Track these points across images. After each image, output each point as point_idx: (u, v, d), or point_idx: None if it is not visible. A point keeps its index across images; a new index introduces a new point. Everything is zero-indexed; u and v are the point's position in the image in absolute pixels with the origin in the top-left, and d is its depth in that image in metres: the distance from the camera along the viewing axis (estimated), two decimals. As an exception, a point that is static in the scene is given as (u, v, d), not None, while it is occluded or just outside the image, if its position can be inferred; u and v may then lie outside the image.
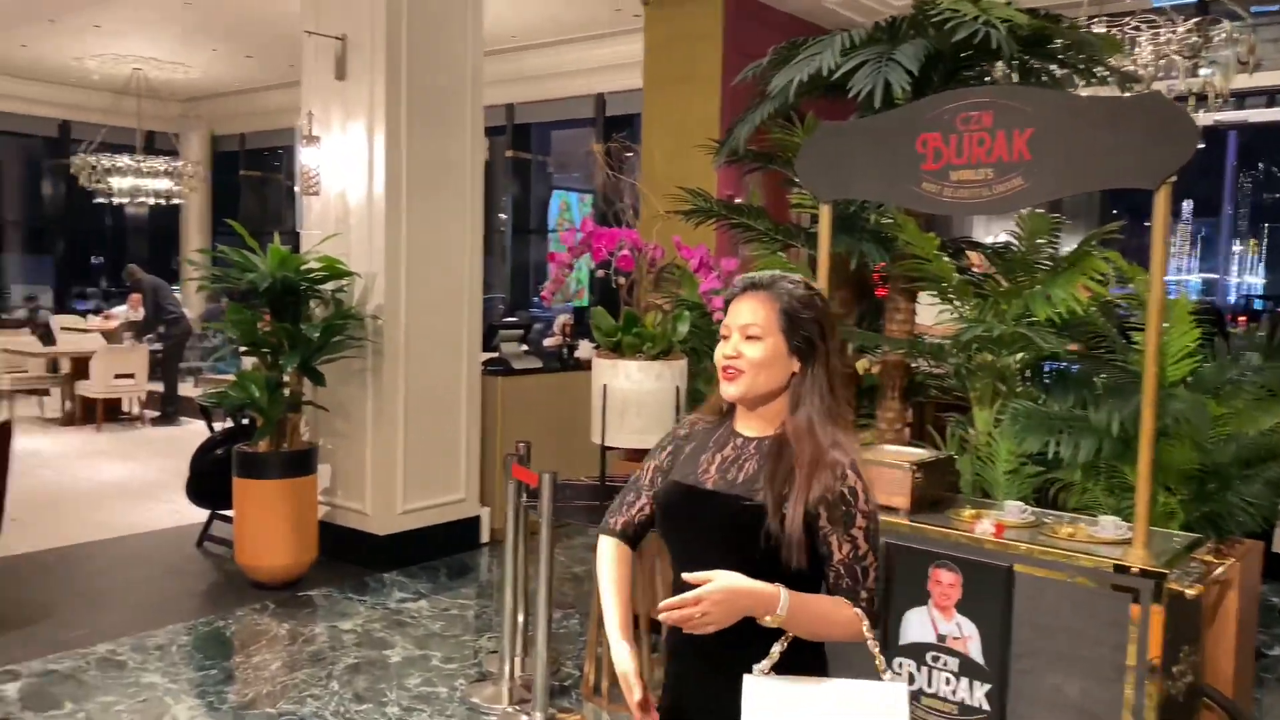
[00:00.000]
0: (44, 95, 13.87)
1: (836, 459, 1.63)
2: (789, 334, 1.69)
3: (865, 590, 1.64)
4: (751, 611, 1.56)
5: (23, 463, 7.76)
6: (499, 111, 12.09)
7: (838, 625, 1.62)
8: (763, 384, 1.70)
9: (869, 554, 1.64)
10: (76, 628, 4.43)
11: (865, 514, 1.64)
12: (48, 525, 6.09)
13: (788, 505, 1.60)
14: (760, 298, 1.71)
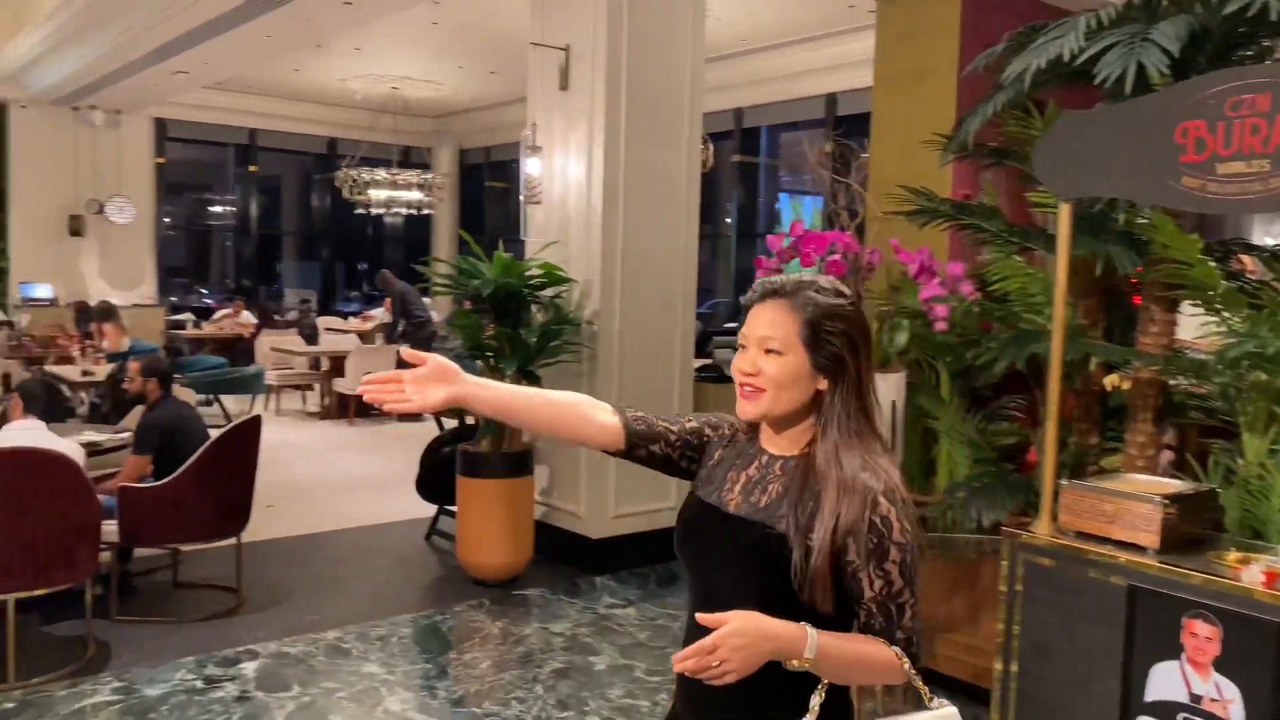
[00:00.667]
0: (314, 115, 15.14)
1: (866, 484, 1.44)
2: (813, 348, 1.48)
3: (901, 630, 1.45)
4: (776, 655, 1.37)
5: (281, 452, 8.45)
6: (726, 116, 12.03)
7: (875, 668, 1.44)
8: (784, 404, 1.50)
9: (904, 590, 1.44)
10: (311, 613, 4.71)
11: (900, 546, 1.43)
12: (297, 513, 6.55)
13: (813, 536, 1.43)
14: (781, 307, 1.50)
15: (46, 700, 3.69)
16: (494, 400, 1.63)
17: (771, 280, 1.56)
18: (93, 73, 11.43)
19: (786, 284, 1.54)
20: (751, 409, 1.52)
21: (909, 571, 1.45)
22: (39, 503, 3.76)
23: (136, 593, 4.91)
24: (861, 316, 1.54)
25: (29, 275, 13.42)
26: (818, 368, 1.49)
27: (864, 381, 1.52)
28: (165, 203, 15.00)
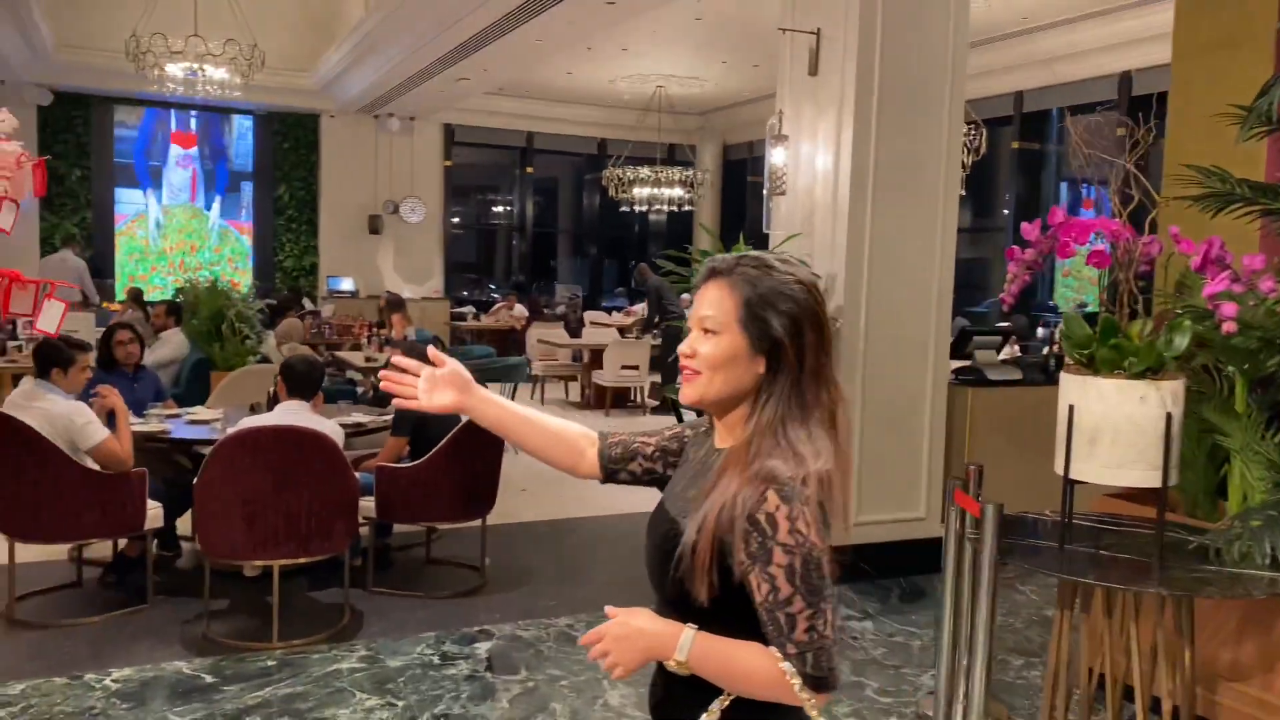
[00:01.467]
0: (586, 116, 15.69)
1: (770, 474, 1.32)
2: (750, 329, 1.39)
3: (794, 644, 1.32)
4: (652, 653, 1.35)
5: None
6: (1005, 100, 11.25)
7: (755, 681, 1.34)
8: (719, 387, 1.42)
9: (795, 598, 1.30)
10: (548, 598, 4.81)
11: (787, 549, 1.30)
12: (549, 498, 6.76)
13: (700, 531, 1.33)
14: (722, 286, 1.42)
15: (303, 661, 3.97)
16: (494, 416, 1.65)
17: (716, 258, 1.46)
18: (389, 82, 12.42)
19: (726, 262, 1.44)
20: (688, 391, 1.44)
21: (800, 578, 1.30)
22: (301, 478, 4.06)
23: (392, 566, 5.23)
24: (813, 299, 1.42)
25: (335, 270, 14.82)
26: (756, 350, 1.40)
27: (807, 368, 1.40)
28: (453, 203, 16.09)
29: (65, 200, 13.69)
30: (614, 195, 13.97)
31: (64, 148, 13.61)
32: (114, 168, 14.15)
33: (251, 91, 11.53)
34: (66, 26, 12.20)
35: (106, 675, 3.76)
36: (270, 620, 4.16)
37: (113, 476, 4.27)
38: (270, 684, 3.75)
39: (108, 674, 3.77)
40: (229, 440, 4.02)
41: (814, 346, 1.41)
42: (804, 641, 1.32)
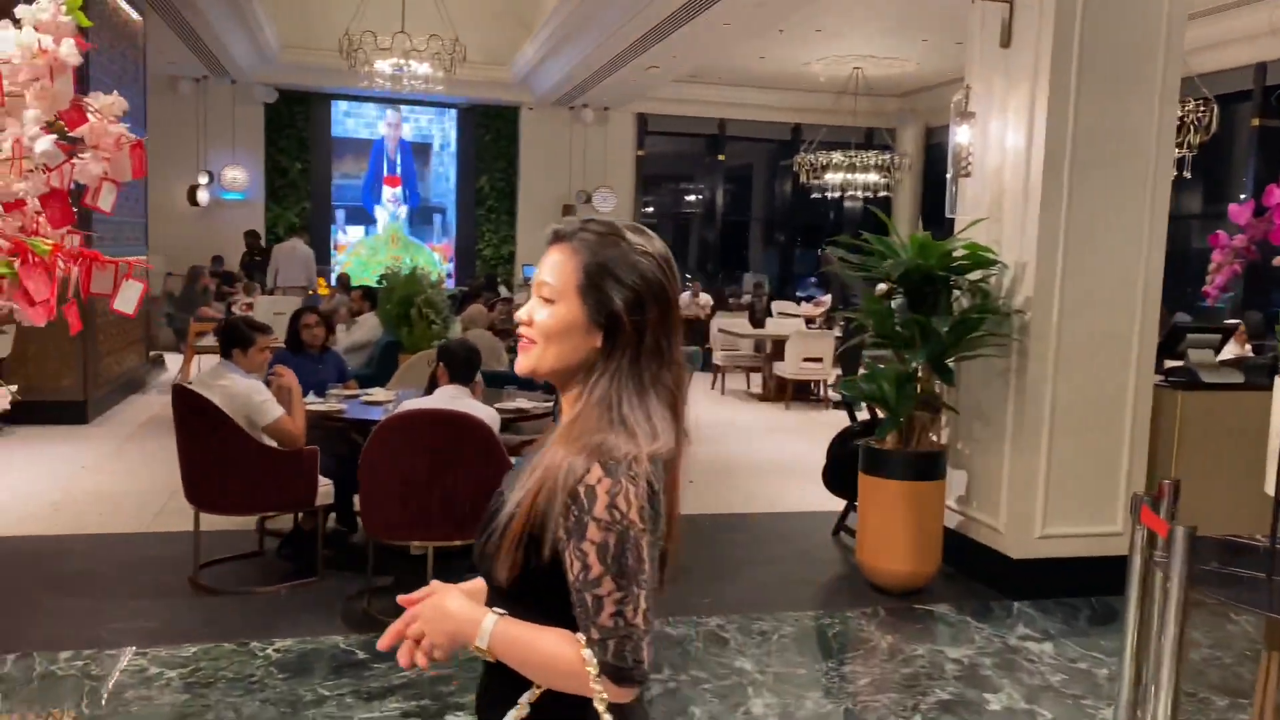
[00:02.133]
0: (780, 101, 15.37)
1: (597, 446, 1.23)
2: (587, 297, 1.30)
3: (598, 629, 1.22)
4: (458, 638, 1.29)
5: (716, 431, 8.65)
6: (1243, 74, 10.15)
7: (558, 669, 1.24)
8: (552, 359, 1.33)
9: (604, 579, 1.22)
10: (701, 595, 4.67)
11: (603, 525, 1.21)
12: (716, 492, 6.62)
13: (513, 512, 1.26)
14: (564, 250, 1.33)
15: (452, 643, 4.01)
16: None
17: (560, 221, 1.38)
18: (581, 73, 12.58)
19: (569, 226, 1.35)
20: (522, 361, 1.37)
21: (612, 558, 1.22)
22: (456, 462, 4.09)
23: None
24: (659, 274, 1.32)
25: (531, 258, 15.21)
26: (593, 322, 1.31)
27: (647, 345, 1.31)
28: (643, 193, 16.18)
29: (287, 191, 14.69)
30: (805, 181, 13.62)
31: (286, 143, 14.60)
32: (330, 162, 15.05)
33: (454, 85, 11.97)
34: (290, 29, 13.05)
35: (270, 645, 3.92)
36: None
37: (286, 453, 4.46)
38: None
39: (271, 643, 3.93)
40: (388, 422, 4.11)
41: (657, 324, 1.32)
42: (608, 627, 1.23)
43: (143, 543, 5.17)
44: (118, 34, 9.05)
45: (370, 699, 3.51)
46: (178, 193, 13.86)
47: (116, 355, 8.93)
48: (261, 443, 4.42)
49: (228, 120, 14.10)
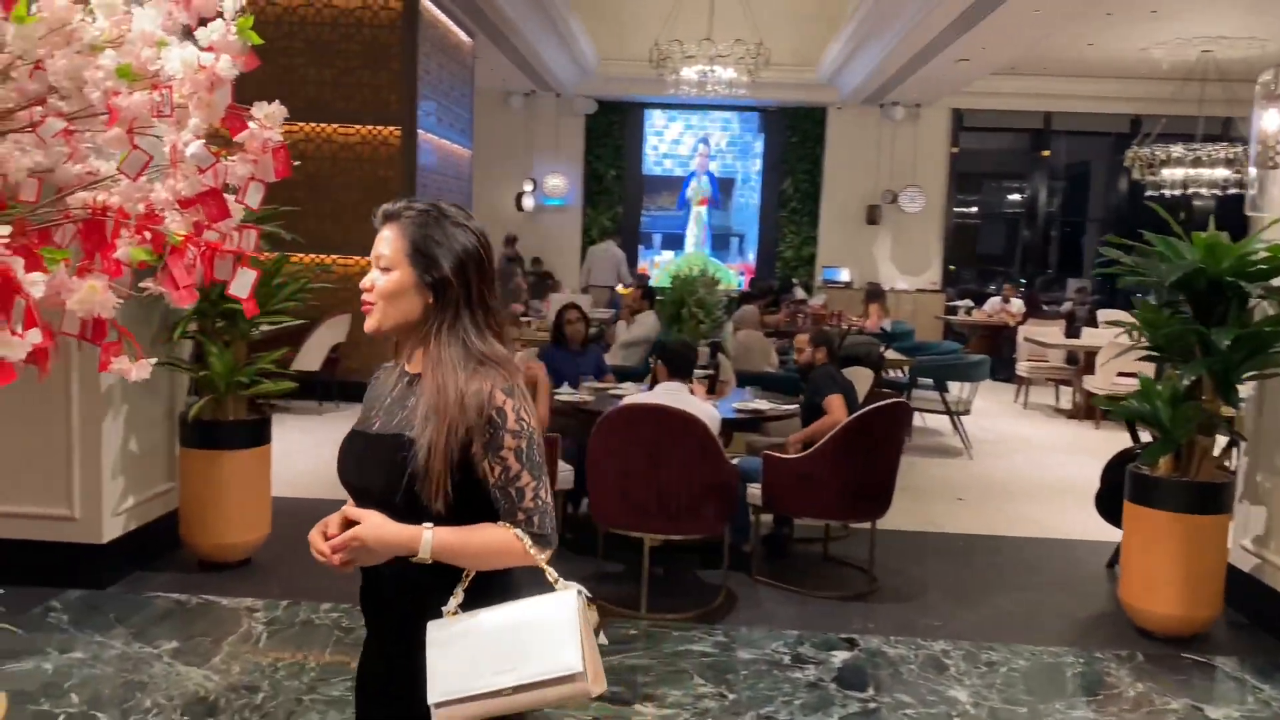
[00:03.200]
0: (1114, 91, 14.02)
1: (478, 389, 1.56)
2: (416, 264, 1.63)
3: (522, 512, 1.59)
4: (400, 553, 1.55)
5: (1005, 446, 8.08)
6: None
7: (498, 553, 1.59)
8: (394, 316, 1.65)
9: (522, 473, 1.59)
10: (934, 617, 4.40)
11: (515, 434, 1.58)
12: (983, 511, 6.21)
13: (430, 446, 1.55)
14: (394, 228, 1.66)
15: (661, 635, 4.08)
16: None
17: (387, 205, 1.68)
18: (887, 69, 12.21)
19: (394, 208, 1.67)
20: (368, 322, 1.66)
21: (525, 456, 1.58)
22: (671, 457, 4.15)
23: (786, 558, 5.16)
24: (474, 237, 1.66)
25: (831, 260, 15.01)
26: (424, 283, 1.62)
27: (474, 298, 1.64)
28: (957, 192, 15.41)
29: (602, 197, 15.51)
30: (1138, 177, 12.32)
31: (603, 150, 15.41)
32: (643, 170, 15.70)
33: (759, 89, 12.08)
34: (607, 43, 13.77)
35: (495, 616, 4.18)
36: (639, 590, 4.33)
37: (528, 439, 4.73)
38: (620, 652, 3.89)
39: (496, 615, 4.19)
40: (609, 415, 4.24)
41: (478, 282, 1.65)
42: (530, 507, 1.59)
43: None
44: (448, 55, 10.01)
45: (569, 679, 3.64)
46: (506, 199, 15.07)
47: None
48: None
49: (551, 131, 15.13)
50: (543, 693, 1.53)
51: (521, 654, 1.53)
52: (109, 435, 4.26)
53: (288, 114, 2.03)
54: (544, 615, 1.55)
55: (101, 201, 1.85)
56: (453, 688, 1.53)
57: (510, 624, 1.55)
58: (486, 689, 1.52)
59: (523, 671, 1.52)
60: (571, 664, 1.51)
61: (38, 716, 3.18)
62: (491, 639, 1.54)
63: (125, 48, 1.90)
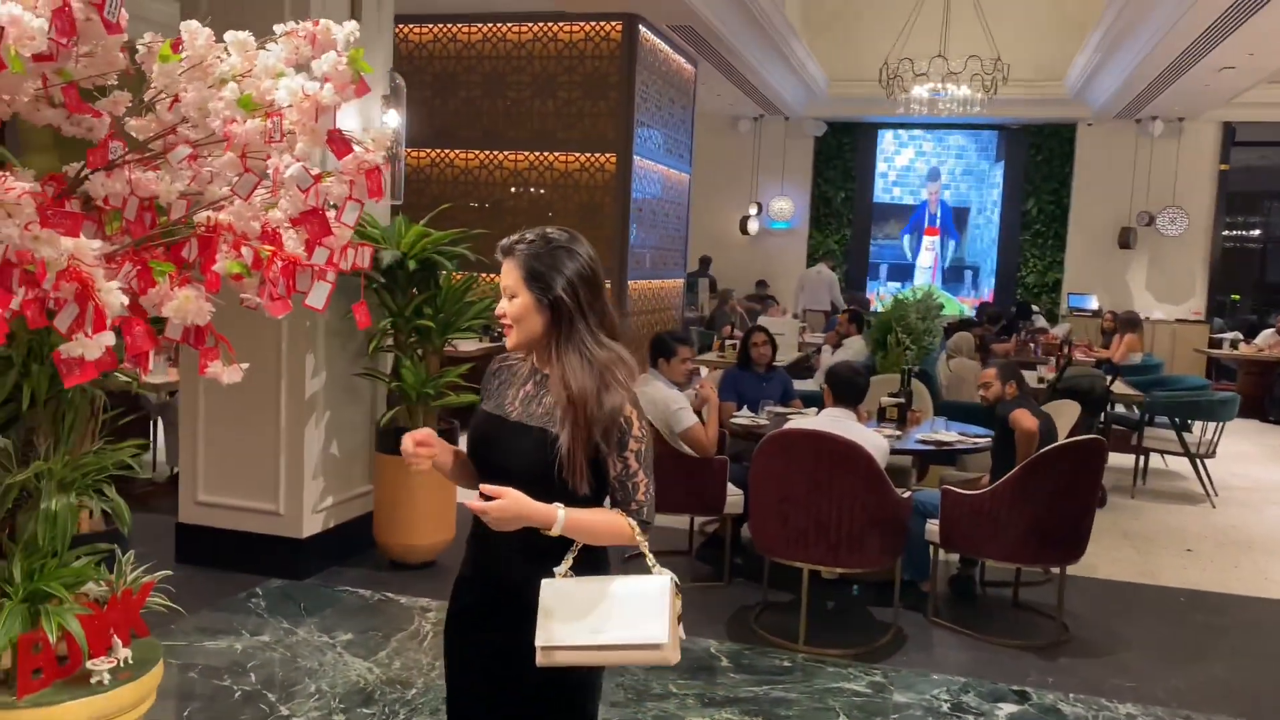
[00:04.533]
0: None
1: (611, 401, 1.86)
2: (533, 289, 1.91)
3: (635, 502, 1.90)
4: (535, 525, 1.83)
5: (1261, 496, 7.25)
6: None
7: (612, 534, 1.89)
8: (525, 334, 1.94)
9: (639, 472, 1.90)
10: (1128, 678, 3.98)
11: (637, 439, 1.89)
12: (1215, 564, 5.56)
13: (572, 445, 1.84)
14: (510, 261, 1.94)
15: (815, 670, 3.93)
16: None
17: (504, 240, 1.97)
18: (1138, 81, 11.30)
19: (507, 243, 1.96)
20: (509, 341, 1.97)
21: (642, 459, 1.90)
22: (830, 485, 4.00)
23: (973, 600, 4.84)
24: (580, 259, 1.94)
25: (1078, 286, 14.01)
26: (542, 304, 1.91)
27: (585, 309, 1.91)
28: (1230, 213, 13.99)
29: (830, 220, 15.28)
30: None
31: (832, 173, 15.19)
32: (872, 196, 15.34)
33: (999, 106, 11.56)
34: (837, 64, 13.61)
35: (650, 635, 4.19)
36: (820, 623, 4.21)
37: (698, 460, 4.72)
38: (769, 683, 3.79)
39: (652, 634, 4.20)
40: (768, 440, 4.16)
41: (589, 299, 1.92)
42: (642, 500, 1.91)
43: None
44: (669, 83, 10.23)
45: (709, 704, 3.59)
46: (730, 222, 15.16)
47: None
48: (676, 448, 4.74)
49: (778, 154, 15.08)
50: (629, 654, 1.87)
51: (617, 619, 1.83)
52: (311, 439, 4.64)
53: (515, 144, 2.42)
54: (641, 590, 1.85)
55: (214, 220, 2.03)
56: (555, 636, 1.82)
57: (611, 592, 1.85)
58: (583, 642, 1.82)
59: (616, 634, 1.82)
60: (658, 635, 1.81)
61: (217, 690, 3.51)
62: (593, 602, 1.84)
63: (248, 80, 2.09)
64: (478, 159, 9.50)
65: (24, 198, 1.54)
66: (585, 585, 1.87)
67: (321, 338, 4.63)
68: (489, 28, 9.36)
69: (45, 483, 2.50)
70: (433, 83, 9.56)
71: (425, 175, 9.68)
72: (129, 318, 1.81)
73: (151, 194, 2.08)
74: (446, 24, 9.47)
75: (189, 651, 3.80)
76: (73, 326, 1.56)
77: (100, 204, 2.07)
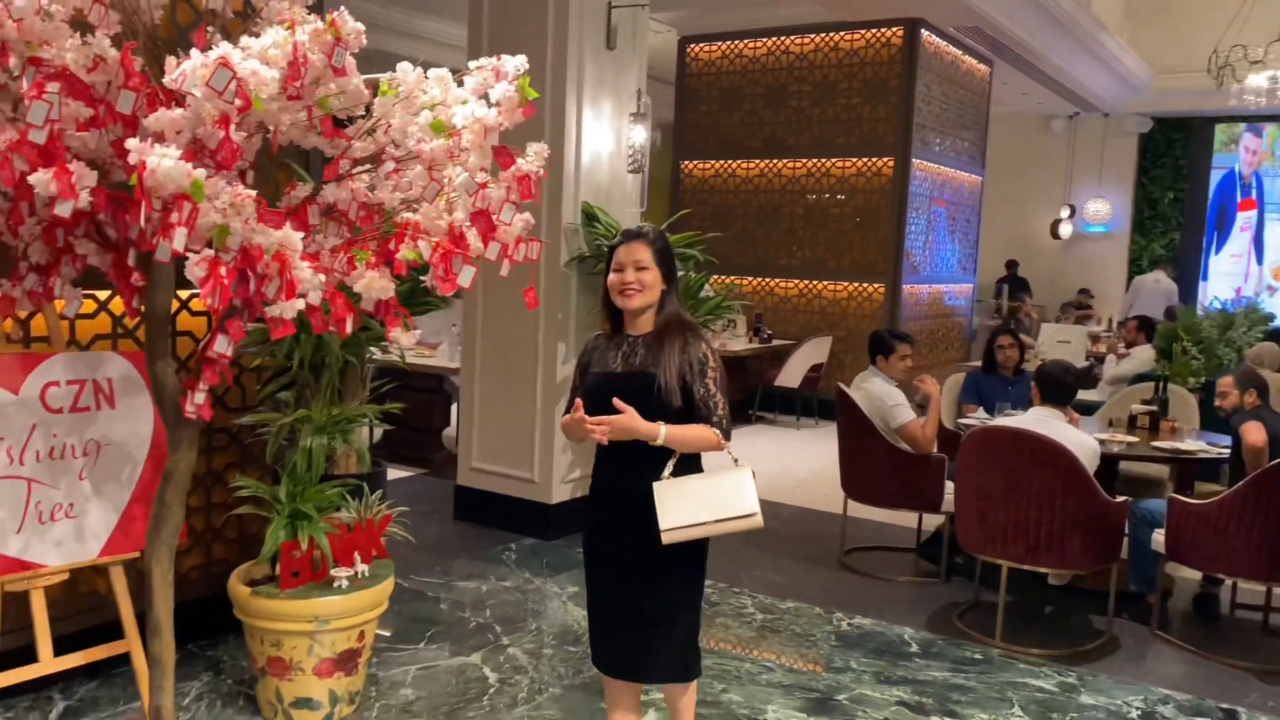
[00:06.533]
0: None
1: (692, 342, 2.54)
2: (661, 265, 2.58)
3: (716, 416, 2.51)
4: (643, 437, 2.43)
5: None
6: None
7: (703, 442, 2.50)
8: (650, 297, 2.56)
9: (716, 394, 2.52)
10: None
11: (713, 368, 2.53)
12: None
13: (667, 374, 2.48)
14: (642, 242, 2.58)
15: (1003, 664, 3.93)
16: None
17: (630, 229, 2.67)
18: None
19: (641, 230, 2.64)
20: (633, 303, 2.55)
21: (718, 383, 2.52)
22: (1029, 485, 3.98)
23: (1214, 620, 4.54)
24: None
25: None
26: (662, 276, 2.59)
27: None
28: None
29: (1155, 222, 14.12)
30: None
31: (1159, 172, 14.06)
32: (1206, 191, 14.00)
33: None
34: (1162, 54, 12.62)
35: (850, 619, 4.38)
36: (1030, 624, 4.23)
37: (913, 456, 4.82)
38: (951, 670, 3.87)
39: (851, 618, 4.38)
40: (969, 438, 4.19)
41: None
42: (721, 414, 2.50)
43: (814, 520, 5.97)
44: (957, 83, 10.08)
45: (883, 682, 3.74)
46: (1041, 227, 14.44)
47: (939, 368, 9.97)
48: (893, 444, 4.86)
49: (1095, 153, 14.17)
50: (732, 524, 2.48)
51: (719, 501, 2.48)
52: (562, 416, 5.26)
53: (795, 151, 3.47)
54: (731, 480, 2.50)
55: (406, 219, 2.59)
56: (673, 521, 2.45)
57: (708, 484, 2.50)
58: (697, 520, 2.46)
59: (720, 511, 2.47)
60: (753, 507, 2.48)
61: (457, 619, 4.17)
62: (696, 492, 2.48)
63: (439, 108, 2.64)
64: (758, 168, 9.91)
65: (247, 201, 2.14)
66: (687, 481, 2.50)
67: (572, 329, 5.23)
68: (773, 41, 9.75)
69: (305, 426, 3.22)
70: (719, 97, 10.09)
71: (709, 185, 10.24)
72: (335, 291, 2.40)
73: (369, 201, 2.69)
74: (733, 41, 9.97)
75: (445, 588, 4.52)
76: (276, 295, 2.15)
77: (336, 208, 2.71)
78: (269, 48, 2.30)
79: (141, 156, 2.04)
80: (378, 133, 2.69)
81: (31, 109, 2.07)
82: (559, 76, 5.05)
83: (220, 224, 2.14)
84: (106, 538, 2.98)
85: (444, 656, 3.80)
